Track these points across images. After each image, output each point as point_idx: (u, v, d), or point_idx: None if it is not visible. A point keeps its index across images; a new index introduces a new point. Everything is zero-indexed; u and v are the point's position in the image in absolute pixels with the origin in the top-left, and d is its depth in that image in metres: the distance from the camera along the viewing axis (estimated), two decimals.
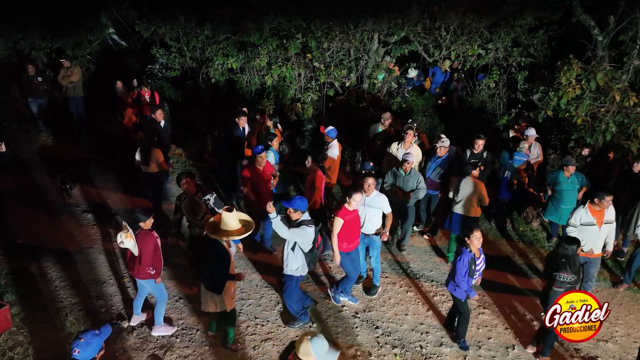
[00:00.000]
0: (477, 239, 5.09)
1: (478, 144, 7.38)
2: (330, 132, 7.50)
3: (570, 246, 4.97)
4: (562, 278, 4.92)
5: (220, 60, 10.11)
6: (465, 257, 5.05)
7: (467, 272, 5.06)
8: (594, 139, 8.84)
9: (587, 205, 5.80)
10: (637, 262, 6.53)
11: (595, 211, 5.74)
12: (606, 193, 5.69)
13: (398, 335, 5.57)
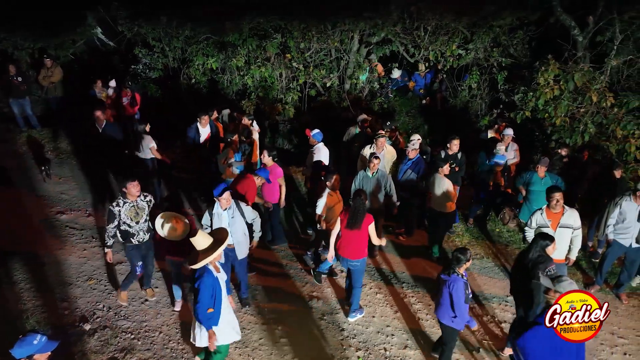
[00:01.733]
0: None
1: (453, 145, 7.36)
2: (316, 135, 7.46)
3: (544, 241, 4.93)
4: (552, 271, 4.87)
5: (200, 60, 10.09)
6: (459, 284, 4.62)
7: (464, 299, 4.67)
8: (573, 139, 8.83)
9: (545, 207, 5.75)
10: (608, 263, 6.50)
11: (551, 214, 5.68)
12: (554, 191, 5.63)
13: (363, 337, 5.55)
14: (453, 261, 4.66)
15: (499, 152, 7.57)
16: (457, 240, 7.74)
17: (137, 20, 11.29)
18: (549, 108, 8.64)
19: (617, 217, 6.21)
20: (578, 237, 5.78)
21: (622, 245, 6.23)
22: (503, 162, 7.60)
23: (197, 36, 10.36)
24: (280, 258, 6.96)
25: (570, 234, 5.73)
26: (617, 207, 6.21)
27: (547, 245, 4.89)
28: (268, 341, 5.34)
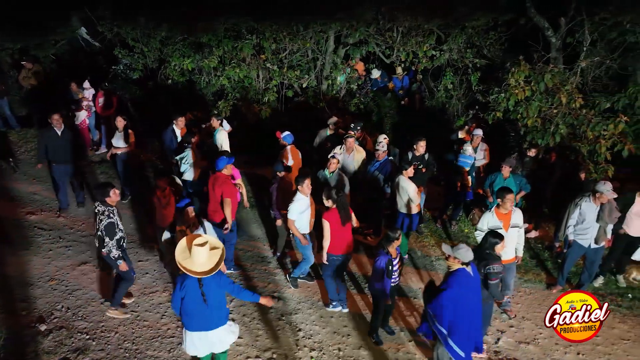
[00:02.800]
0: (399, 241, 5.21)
1: (419, 146, 7.39)
2: (286, 137, 7.48)
3: (494, 239, 4.97)
4: (495, 269, 4.92)
5: (177, 61, 10.12)
6: (383, 258, 5.14)
7: (385, 274, 5.10)
8: (545, 140, 8.87)
9: (494, 209, 5.78)
10: (569, 263, 6.54)
11: (501, 215, 5.71)
12: (506, 192, 5.66)
13: (319, 337, 5.59)
14: (383, 239, 5.19)
15: (465, 152, 7.61)
16: (426, 240, 7.79)
17: (115, 20, 11.32)
18: (520, 109, 8.68)
19: (577, 218, 6.26)
20: (522, 235, 5.90)
21: (582, 245, 6.27)
22: (470, 162, 7.63)
23: (174, 37, 10.39)
24: (245, 259, 6.99)
25: (517, 233, 5.79)
26: (576, 208, 6.25)
27: (496, 243, 4.94)
28: None
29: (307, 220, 6.09)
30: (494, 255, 4.97)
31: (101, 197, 5.44)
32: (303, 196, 5.97)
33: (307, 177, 6.01)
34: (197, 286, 4.33)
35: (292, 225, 6.01)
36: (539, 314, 6.21)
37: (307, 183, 5.97)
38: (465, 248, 4.48)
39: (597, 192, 6.04)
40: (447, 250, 4.58)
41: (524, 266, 7.27)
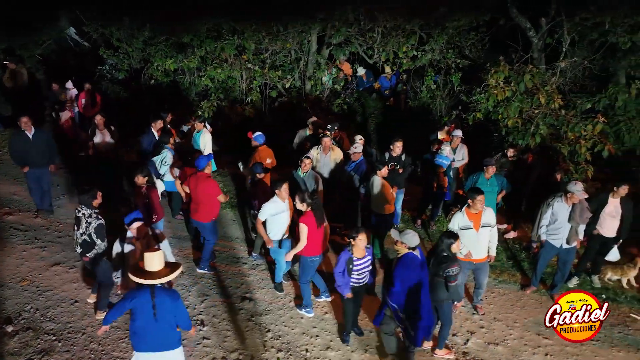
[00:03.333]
0: (361, 241, 5.08)
1: (395, 147, 7.39)
2: (258, 137, 7.50)
3: (448, 240, 4.98)
4: (452, 272, 4.92)
5: (159, 61, 10.12)
6: (344, 255, 5.13)
7: (345, 270, 5.10)
8: (525, 141, 8.87)
9: (465, 208, 5.77)
10: (542, 264, 6.53)
11: (472, 214, 5.70)
12: (477, 193, 5.66)
13: (287, 338, 5.59)
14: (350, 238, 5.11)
15: (442, 152, 7.60)
16: None
17: (101, 21, 11.34)
18: (500, 109, 8.68)
19: (549, 218, 6.26)
20: (495, 234, 5.87)
21: (554, 246, 6.27)
22: (447, 163, 7.62)
23: (157, 37, 10.40)
24: (221, 259, 6.99)
25: (489, 232, 5.78)
26: (549, 208, 6.25)
27: (451, 243, 4.95)
28: (190, 342, 5.37)
29: (282, 224, 6.08)
30: (450, 256, 4.97)
31: (87, 200, 5.44)
32: (280, 200, 5.97)
33: (285, 182, 6.02)
34: (149, 299, 4.09)
35: (259, 225, 6.04)
36: (511, 315, 6.22)
37: (284, 187, 5.96)
38: (412, 233, 4.81)
39: (569, 193, 6.04)
40: (395, 235, 4.89)
41: (499, 267, 7.28)
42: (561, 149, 8.69)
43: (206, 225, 6.48)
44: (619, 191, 6.37)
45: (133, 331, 4.20)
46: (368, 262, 5.27)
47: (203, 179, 6.39)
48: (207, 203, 6.38)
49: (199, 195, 6.41)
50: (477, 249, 5.76)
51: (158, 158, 7.54)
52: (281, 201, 5.97)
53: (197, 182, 6.41)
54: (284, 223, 6.08)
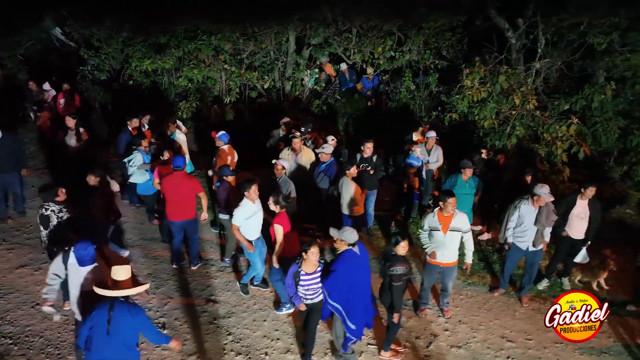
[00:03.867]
0: (313, 254, 4.78)
1: (367, 147, 7.35)
2: (222, 136, 7.48)
3: (396, 239, 4.97)
4: (397, 271, 4.90)
5: (136, 61, 10.09)
6: (292, 268, 4.92)
7: (292, 283, 4.91)
8: (501, 142, 8.84)
9: (436, 210, 5.74)
10: (509, 266, 6.51)
11: (442, 217, 5.68)
12: (448, 195, 5.62)
13: (248, 341, 5.55)
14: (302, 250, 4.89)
15: (413, 154, 7.57)
16: (376, 242, 7.75)
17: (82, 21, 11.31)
18: (476, 110, 8.65)
19: (516, 221, 6.22)
20: (469, 240, 5.80)
21: (520, 248, 6.24)
22: (417, 164, 7.59)
23: (135, 38, 10.37)
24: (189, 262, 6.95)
25: (459, 237, 5.74)
26: (516, 211, 6.22)
27: (397, 242, 4.94)
28: (149, 345, 5.34)
29: (255, 226, 6.04)
30: (397, 256, 4.95)
31: (49, 197, 5.52)
32: (250, 202, 5.89)
33: (253, 183, 5.93)
34: (107, 312, 3.92)
35: (236, 231, 5.94)
36: (476, 318, 6.19)
37: (254, 189, 5.88)
38: (350, 230, 4.91)
39: (535, 195, 6.01)
40: (334, 233, 4.98)
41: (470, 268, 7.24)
42: (538, 150, 8.69)
43: (191, 221, 6.54)
44: (586, 193, 6.34)
45: (87, 346, 4.03)
46: (318, 279, 4.93)
47: (181, 177, 6.41)
48: (190, 200, 6.43)
49: (182, 194, 6.40)
50: (443, 251, 5.73)
51: (127, 160, 7.52)
52: (251, 203, 5.90)
53: (177, 182, 6.40)
54: (257, 224, 6.05)
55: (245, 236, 5.97)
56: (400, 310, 5.11)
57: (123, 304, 4.01)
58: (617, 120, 8.77)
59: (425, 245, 5.82)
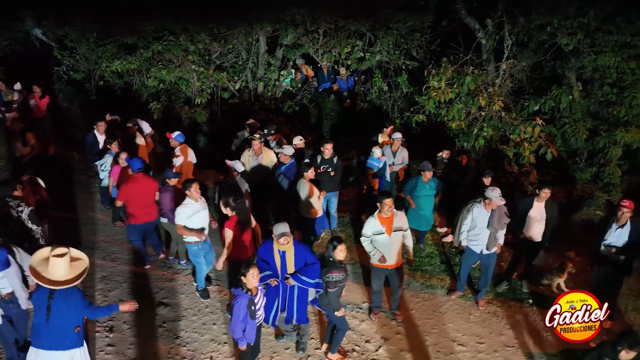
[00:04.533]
0: (253, 276, 4.47)
1: (326, 149, 7.30)
2: (178, 137, 7.48)
3: (332, 244, 4.90)
4: (332, 278, 4.86)
5: (106, 62, 10.05)
6: (242, 299, 4.43)
7: (248, 315, 4.48)
8: (470, 143, 8.80)
9: (376, 213, 5.69)
10: (464, 269, 6.46)
11: (383, 219, 5.62)
12: (385, 196, 5.57)
13: (195, 345, 5.51)
14: (240, 274, 4.47)
15: (373, 155, 7.52)
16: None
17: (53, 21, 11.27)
18: (442, 111, 8.61)
19: (469, 224, 6.18)
20: (408, 237, 5.81)
21: (474, 251, 6.20)
22: (378, 165, 7.54)
23: (106, 38, 10.32)
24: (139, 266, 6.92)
25: (401, 236, 5.71)
26: (469, 214, 6.17)
27: (334, 247, 4.87)
28: (93, 348, 5.30)
29: (200, 224, 6.01)
30: (334, 262, 4.88)
31: (10, 192, 5.59)
32: (192, 201, 5.91)
33: (194, 182, 5.96)
34: (46, 300, 4.12)
35: (181, 230, 5.94)
36: (430, 321, 6.15)
37: (194, 187, 5.90)
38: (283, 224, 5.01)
39: (486, 199, 5.97)
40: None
41: (430, 271, 7.21)
42: (506, 151, 8.65)
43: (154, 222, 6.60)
44: (541, 195, 6.30)
45: (32, 325, 4.26)
46: (263, 299, 4.80)
47: (142, 178, 6.43)
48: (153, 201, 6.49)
49: (145, 196, 6.42)
50: (389, 254, 5.69)
51: (99, 163, 7.50)
52: (193, 202, 5.91)
53: (139, 184, 6.40)
54: (201, 223, 6.01)
55: (187, 238, 5.98)
56: (340, 308, 5.07)
57: (63, 293, 4.15)
58: (585, 122, 8.72)
59: (372, 252, 5.74)
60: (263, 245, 5.18)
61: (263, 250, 5.12)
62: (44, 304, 4.15)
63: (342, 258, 4.95)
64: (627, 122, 8.48)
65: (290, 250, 5.03)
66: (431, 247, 7.80)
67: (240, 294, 4.46)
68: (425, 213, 7.37)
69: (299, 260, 5.02)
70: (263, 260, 5.07)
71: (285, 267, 5.06)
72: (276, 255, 5.02)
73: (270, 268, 5.02)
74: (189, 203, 5.89)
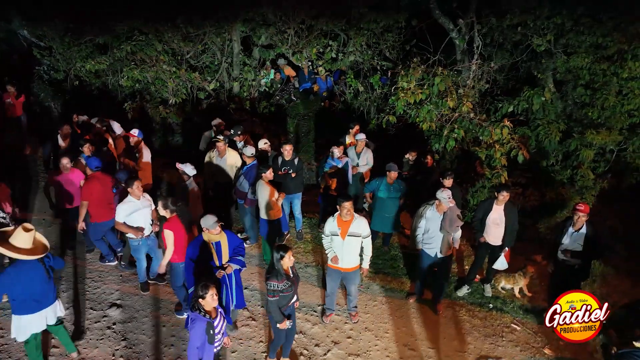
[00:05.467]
0: (212, 297, 4.14)
1: (286, 150, 7.24)
2: (139, 134, 7.54)
3: (277, 253, 4.75)
4: (271, 286, 4.78)
5: (80, 62, 10.05)
6: (199, 324, 4.07)
7: (207, 340, 4.12)
8: (440, 144, 8.70)
9: (336, 215, 5.61)
10: (420, 272, 6.36)
11: (341, 222, 5.54)
12: (344, 199, 5.48)
13: (141, 347, 5.48)
14: (194, 296, 4.18)
15: (333, 154, 7.45)
16: (303, 246, 7.65)
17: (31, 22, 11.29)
18: (412, 112, 8.51)
19: (424, 227, 6.10)
20: (367, 245, 5.67)
21: (429, 255, 6.12)
22: (338, 166, 7.46)
23: (80, 38, 10.32)
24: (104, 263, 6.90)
25: (359, 242, 5.61)
26: (422, 217, 6.09)
27: (281, 257, 4.69)
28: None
29: (141, 221, 6.05)
30: (278, 270, 4.69)
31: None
32: (133, 198, 5.98)
33: (135, 180, 6.01)
34: (38, 266, 4.71)
35: (120, 226, 6.02)
36: (384, 325, 6.07)
37: (136, 185, 5.97)
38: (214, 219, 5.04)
39: (437, 200, 5.88)
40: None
41: (392, 274, 7.14)
42: (478, 153, 8.54)
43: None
44: (499, 197, 6.21)
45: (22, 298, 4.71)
46: (223, 321, 4.41)
47: (99, 177, 6.49)
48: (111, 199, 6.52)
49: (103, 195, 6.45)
50: (342, 257, 5.61)
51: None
52: (135, 199, 5.95)
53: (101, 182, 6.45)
54: (141, 221, 6.04)
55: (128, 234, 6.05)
56: (281, 321, 4.84)
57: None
58: (559, 124, 8.60)
59: (327, 251, 5.71)
60: (191, 246, 5.15)
61: (193, 250, 5.12)
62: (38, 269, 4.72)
63: (288, 267, 4.76)
64: (599, 124, 8.38)
65: (224, 238, 5.15)
66: (396, 249, 7.74)
67: (197, 317, 4.07)
68: (390, 215, 7.29)
69: (231, 246, 5.16)
70: (194, 260, 5.07)
71: (221, 256, 5.16)
72: (212, 248, 5.10)
73: (208, 263, 5.04)
74: (130, 200, 5.97)
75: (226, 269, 5.10)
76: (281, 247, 4.74)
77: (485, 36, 8.86)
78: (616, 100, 8.08)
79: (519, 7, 8.55)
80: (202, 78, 9.77)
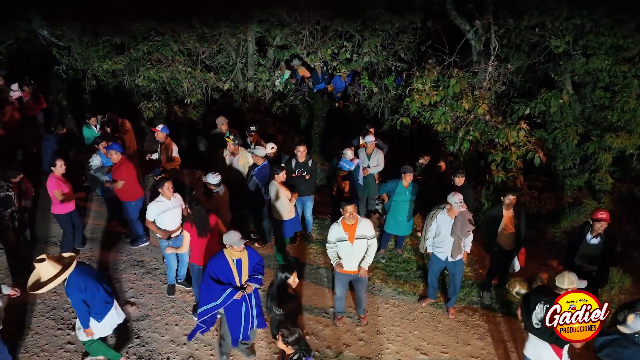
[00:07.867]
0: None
1: (300, 151, 7.23)
2: (163, 129, 7.64)
3: (282, 274, 4.65)
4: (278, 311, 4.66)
5: (97, 62, 10.19)
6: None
7: None
8: (455, 146, 8.63)
9: (340, 219, 5.58)
10: (431, 276, 6.31)
11: (347, 226, 5.51)
12: (346, 203, 5.46)
13: (154, 345, 5.53)
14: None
15: (345, 157, 7.43)
16: (315, 247, 7.64)
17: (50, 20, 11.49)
18: (426, 114, 8.46)
19: (434, 231, 6.04)
20: (372, 246, 5.60)
21: (440, 259, 6.06)
22: (349, 167, 7.44)
23: (98, 38, 10.46)
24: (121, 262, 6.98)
25: (365, 244, 5.58)
26: (433, 221, 6.02)
27: (286, 278, 4.62)
28: (51, 347, 5.36)
29: (171, 222, 6.07)
30: (284, 292, 4.59)
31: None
32: (164, 199, 5.99)
33: (166, 180, 6.01)
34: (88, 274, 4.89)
35: (150, 225, 6.07)
36: (396, 328, 6.04)
37: (167, 186, 5.96)
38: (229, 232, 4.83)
39: (448, 205, 5.82)
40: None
41: (404, 277, 7.09)
42: (494, 156, 8.44)
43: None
44: (505, 201, 6.13)
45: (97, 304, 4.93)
46: None
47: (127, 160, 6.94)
48: None
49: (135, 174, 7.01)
50: (352, 261, 5.58)
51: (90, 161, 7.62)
52: (166, 199, 5.97)
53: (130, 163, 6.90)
54: (171, 222, 6.07)
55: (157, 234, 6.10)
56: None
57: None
58: (577, 126, 8.45)
59: (333, 259, 5.62)
60: (212, 262, 4.86)
61: (215, 266, 4.84)
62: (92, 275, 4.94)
63: (294, 287, 4.72)
64: (619, 127, 8.21)
65: (245, 256, 4.93)
66: (409, 252, 7.68)
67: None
68: (403, 218, 7.23)
69: (251, 263, 4.96)
70: (213, 278, 4.83)
71: (241, 274, 4.94)
72: (232, 265, 4.87)
73: (228, 281, 4.84)
74: (161, 200, 5.99)
75: (246, 288, 4.92)
76: (286, 268, 4.69)
77: (502, 37, 8.75)
78: (637, 103, 7.90)
79: (537, 7, 8.43)
80: (217, 78, 9.82)
